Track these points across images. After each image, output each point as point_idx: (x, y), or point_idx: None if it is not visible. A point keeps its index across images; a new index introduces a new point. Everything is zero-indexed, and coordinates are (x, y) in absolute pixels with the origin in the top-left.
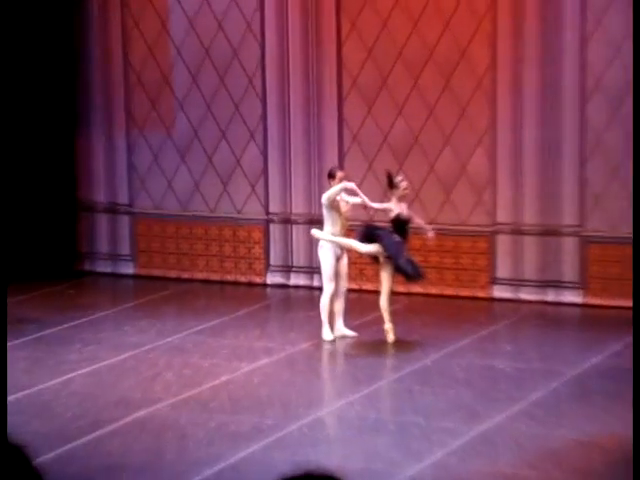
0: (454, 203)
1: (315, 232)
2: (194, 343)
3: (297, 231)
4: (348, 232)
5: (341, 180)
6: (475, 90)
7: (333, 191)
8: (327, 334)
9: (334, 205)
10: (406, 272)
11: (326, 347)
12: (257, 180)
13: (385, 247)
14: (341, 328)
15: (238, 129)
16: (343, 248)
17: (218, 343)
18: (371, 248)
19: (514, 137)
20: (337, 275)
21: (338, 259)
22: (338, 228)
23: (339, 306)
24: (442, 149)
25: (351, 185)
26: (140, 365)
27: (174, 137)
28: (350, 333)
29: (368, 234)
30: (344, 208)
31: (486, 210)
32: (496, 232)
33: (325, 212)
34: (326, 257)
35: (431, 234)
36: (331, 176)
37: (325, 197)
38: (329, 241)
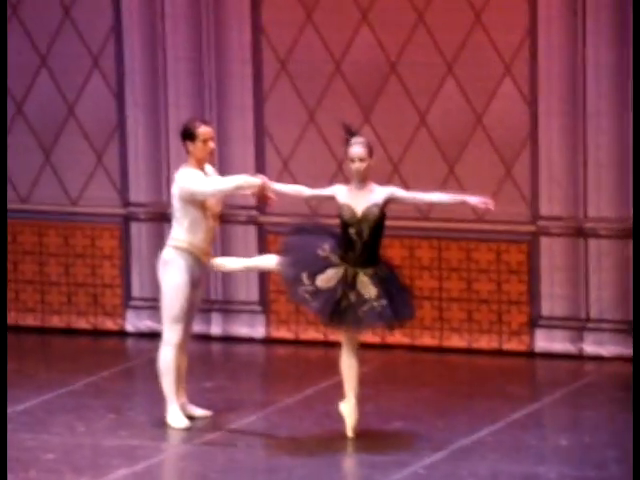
0: (463, 183)
1: (219, 261)
2: None
3: None
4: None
5: (206, 142)
6: None
7: (211, 188)
8: (178, 418)
9: (195, 197)
10: (322, 316)
11: (236, 443)
12: (107, 143)
13: (281, 269)
14: (184, 403)
15: (70, 50)
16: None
17: (35, 441)
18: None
19: (571, 59)
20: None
21: (195, 285)
22: (201, 235)
23: (182, 363)
24: (442, 80)
25: (255, 182)
26: None
27: None
28: (199, 413)
29: (293, 242)
30: (212, 199)
31: (521, 196)
32: (539, 233)
33: (177, 207)
34: (173, 280)
35: (474, 201)
36: (188, 135)
37: (186, 186)
38: (244, 269)
